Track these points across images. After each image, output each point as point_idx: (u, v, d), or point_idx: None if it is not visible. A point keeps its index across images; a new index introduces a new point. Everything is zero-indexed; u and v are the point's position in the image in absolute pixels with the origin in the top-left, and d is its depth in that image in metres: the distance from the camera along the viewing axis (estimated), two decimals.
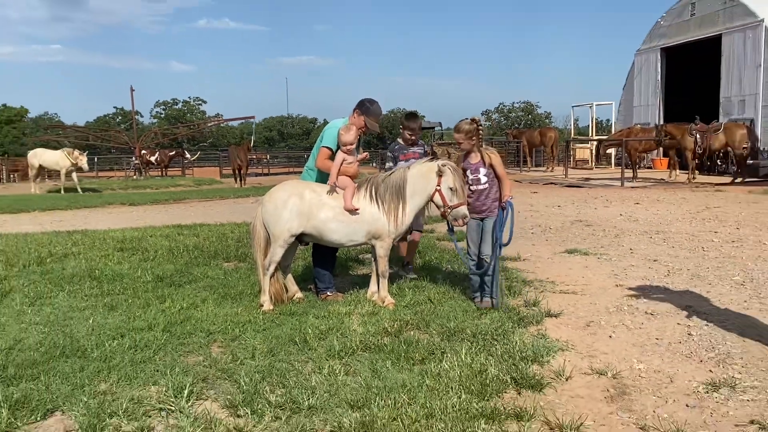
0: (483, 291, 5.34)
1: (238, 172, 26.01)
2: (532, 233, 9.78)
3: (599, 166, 28.63)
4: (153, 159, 34.19)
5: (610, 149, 27.32)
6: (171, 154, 35.39)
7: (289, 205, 5.26)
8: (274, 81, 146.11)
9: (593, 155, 29.12)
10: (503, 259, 7.10)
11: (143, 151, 34.34)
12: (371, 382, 3.65)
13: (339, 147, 5.57)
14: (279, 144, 69.31)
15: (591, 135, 32.40)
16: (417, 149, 6.58)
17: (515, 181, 20.70)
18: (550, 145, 28.21)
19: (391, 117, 56.66)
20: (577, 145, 32.16)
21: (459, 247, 5.72)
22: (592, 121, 32.43)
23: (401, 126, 6.65)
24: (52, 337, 4.58)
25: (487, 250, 5.30)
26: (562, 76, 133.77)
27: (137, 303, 5.56)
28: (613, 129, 31.27)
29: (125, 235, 9.71)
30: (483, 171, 5.32)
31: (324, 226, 5.30)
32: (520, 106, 66.88)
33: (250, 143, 31.36)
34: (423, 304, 5.35)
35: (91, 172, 27.48)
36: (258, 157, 37.25)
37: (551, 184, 20.98)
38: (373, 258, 5.55)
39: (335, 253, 6.09)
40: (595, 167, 28.50)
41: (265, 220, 5.40)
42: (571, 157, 29.67)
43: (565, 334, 4.62)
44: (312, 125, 73.24)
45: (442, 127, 40.99)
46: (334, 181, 5.40)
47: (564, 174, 23.98)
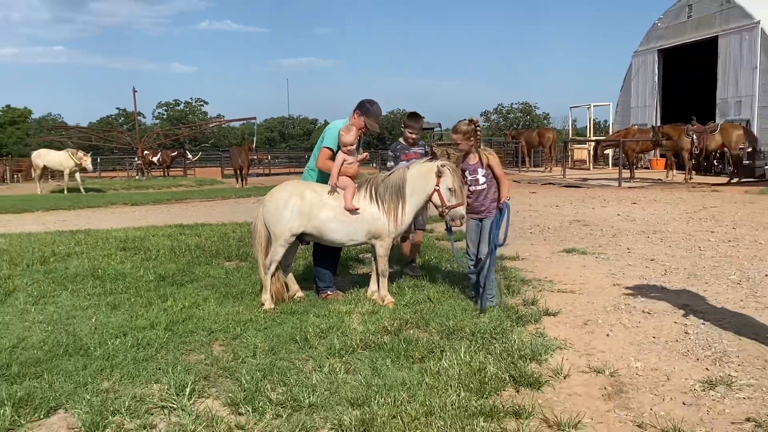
0: (479, 292, 5.36)
1: (239, 173, 26.02)
2: (531, 233, 9.82)
3: (597, 167, 28.65)
4: (155, 159, 34.20)
5: (608, 150, 27.40)
6: (173, 154, 35.35)
7: (290, 205, 5.29)
8: (275, 82, 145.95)
9: (591, 156, 29.16)
10: (502, 258, 7.14)
11: (145, 152, 34.37)
12: (371, 380, 3.68)
13: (339, 147, 5.61)
14: (280, 144, 69.19)
15: (589, 136, 32.43)
16: (418, 149, 6.61)
17: (514, 181, 20.75)
18: (549, 146, 28.22)
19: (391, 118, 56.56)
20: (575, 145, 32.22)
21: (455, 248, 5.75)
22: (590, 122, 32.46)
23: (403, 125, 6.66)
24: (55, 335, 4.61)
25: (486, 249, 5.33)
26: (561, 76, 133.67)
27: (140, 302, 5.60)
28: (611, 130, 31.34)
29: (128, 234, 9.74)
30: (481, 172, 5.33)
31: (324, 226, 5.33)
32: (519, 107, 66.87)
33: (251, 144, 31.38)
34: (422, 303, 5.37)
35: (93, 172, 27.36)
36: (259, 157, 37.24)
37: (549, 184, 21.03)
38: (373, 257, 5.58)
39: (338, 253, 6.12)
40: (592, 168, 28.53)
41: (266, 220, 5.43)
42: (569, 157, 29.69)
43: (563, 333, 4.66)
44: (313, 126, 73.17)
45: (441, 127, 40.94)
46: (335, 181, 5.44)
47: (562, 174, 24.00)
